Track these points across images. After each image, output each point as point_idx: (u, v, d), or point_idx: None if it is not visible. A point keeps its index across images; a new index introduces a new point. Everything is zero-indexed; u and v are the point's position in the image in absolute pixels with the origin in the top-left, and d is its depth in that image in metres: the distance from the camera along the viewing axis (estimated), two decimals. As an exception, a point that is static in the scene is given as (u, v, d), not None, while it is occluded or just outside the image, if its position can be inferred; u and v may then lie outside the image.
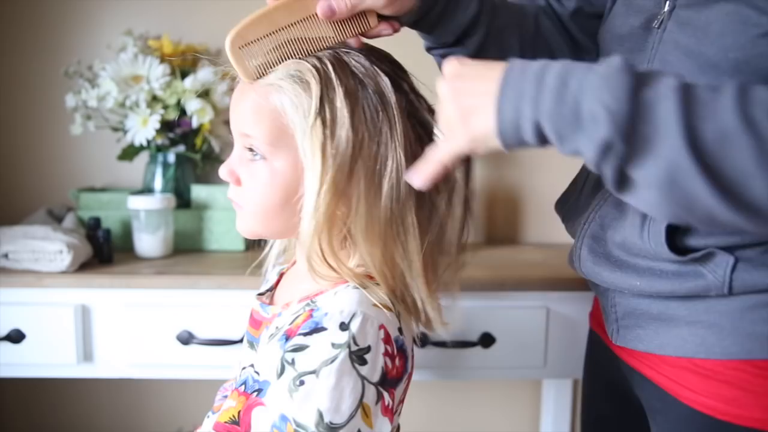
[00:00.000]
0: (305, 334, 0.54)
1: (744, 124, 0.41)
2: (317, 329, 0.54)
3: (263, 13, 0.58)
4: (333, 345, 0.53)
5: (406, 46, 0.73)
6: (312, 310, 0.57)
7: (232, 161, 0.62)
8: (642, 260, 0.59)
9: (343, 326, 0.54)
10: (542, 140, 0.48)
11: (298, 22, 0.59)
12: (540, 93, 0.45)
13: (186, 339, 0.95)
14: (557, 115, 0.45)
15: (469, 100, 0.49)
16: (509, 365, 0.99)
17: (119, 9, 1.30)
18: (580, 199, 0.71)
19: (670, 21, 0.57)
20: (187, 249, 1.16)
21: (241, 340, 0.94)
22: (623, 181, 0.46)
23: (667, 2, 0.58)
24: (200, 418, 0.74)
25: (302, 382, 0.52)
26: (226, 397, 0.78)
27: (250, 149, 0.60)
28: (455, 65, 0.51)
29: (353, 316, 0.54)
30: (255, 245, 1.21)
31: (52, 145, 1.32)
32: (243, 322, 0.94)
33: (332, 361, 0.52)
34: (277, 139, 0.58)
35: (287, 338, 0.56)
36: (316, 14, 0.59)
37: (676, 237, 0.56)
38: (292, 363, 0.54)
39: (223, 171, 0.62)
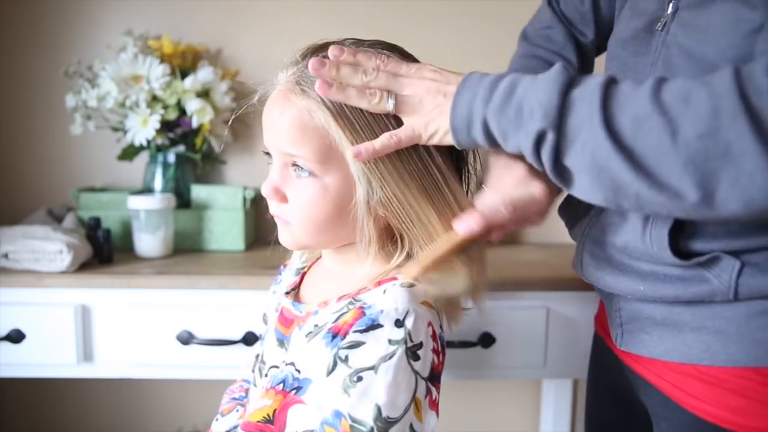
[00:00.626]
0: (361, 331, 0.55)
1: (655, 107, 0.45)
2: (373, 326, 0.55)
3: (448, 253, 0.58)
4: (390, 341, 0.53)
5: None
6: (362, 307, 0.57)
7: (275, 179, 0.60)
8: (645, 264, 0.58)
9: (399, 323, 0.54)
10: (490, 139, 0.53)
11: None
12: (491, 95, 0.52)
13: (186, 339, 0.95)
14: (502, 114, 0.51)
15: (438, 98, 0.55)
16: (509, 365, 0.99)
17: (119, 9, 1.30)
18: (581, 203, 0.70)
19: (673, 23, 0.57)
20: (187, 249, 1.16)
21: (241, 340, 0.94)
22: (560, 170, 0.51)
23: (671, 4, 0.58)
24: (200, 418, 0.73)
25: (360, 378, 0.53)
26: (234, 399, 0.77)
27: (295, 165, 0.59)
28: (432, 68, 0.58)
29: (407, 313, 0.55)
30: (255, 246, 1.22)
31: (52, 145, 1.32)
32: (243, 322, 0.95)
33: (390, 357, 0.53)
34: (326, 156, 0.57)
35: (335, 335, 0.56)
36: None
37: (679, 240, 0.55)
38: (346, 360, 0.54)
39: (266, 189, 0.60)
